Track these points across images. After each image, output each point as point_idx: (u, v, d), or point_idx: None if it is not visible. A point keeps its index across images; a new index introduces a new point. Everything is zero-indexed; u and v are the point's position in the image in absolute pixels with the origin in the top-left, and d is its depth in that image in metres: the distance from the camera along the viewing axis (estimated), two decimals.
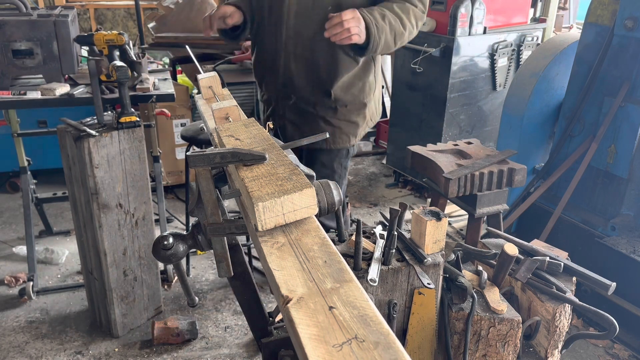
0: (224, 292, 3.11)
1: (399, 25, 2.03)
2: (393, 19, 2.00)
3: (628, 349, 2.68)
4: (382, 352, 0.67)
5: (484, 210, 2.27)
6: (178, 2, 4.55)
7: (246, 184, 0.98)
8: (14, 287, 3.10)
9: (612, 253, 2.70)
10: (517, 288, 1.57)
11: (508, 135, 3.44)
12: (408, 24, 2.06)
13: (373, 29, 1.94)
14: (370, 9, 1.98)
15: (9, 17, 2.55)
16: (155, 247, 1.27)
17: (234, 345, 2.72)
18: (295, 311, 0.75)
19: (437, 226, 1.33)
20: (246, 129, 1.30)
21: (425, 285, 1.30)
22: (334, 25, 1.87)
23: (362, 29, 1.91)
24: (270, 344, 1.45)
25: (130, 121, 2.38)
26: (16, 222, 3.82)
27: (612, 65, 2.88)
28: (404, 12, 2.04)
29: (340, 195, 1.11)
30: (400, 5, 2.05)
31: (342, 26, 1.86)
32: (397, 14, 2.02)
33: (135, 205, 2.57)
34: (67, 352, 2.65)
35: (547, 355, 1.51)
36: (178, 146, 4.16)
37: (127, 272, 2.66)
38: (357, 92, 2.25)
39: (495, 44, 3.86)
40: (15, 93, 2.56)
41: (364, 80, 2.26)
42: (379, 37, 1.96)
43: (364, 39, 1.94)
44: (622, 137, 2.82)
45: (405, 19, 2.04)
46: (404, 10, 2.04)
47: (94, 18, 6.15)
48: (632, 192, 2.87)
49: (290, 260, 0.88)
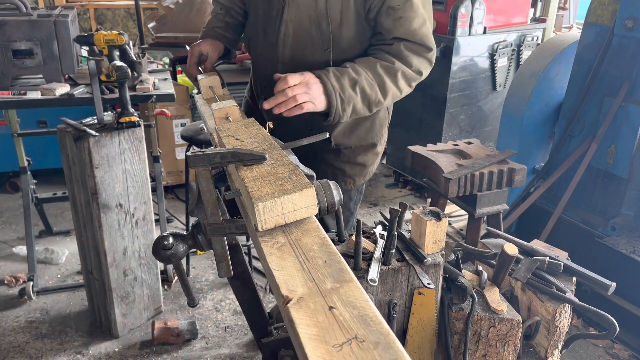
0: (224, 292, 3.11)
1: (376, 94, 1.66)
2: (369, 85, 1.63)
3: (628, 349, 2.68)
4: (382, 352, 0.67)
5: (484, 210, 2.27)
6: (178, 2, 4.55)
7: (246, 184, 0.98)
8: (14, 287, 3.11)
9: (612, 253, 2.70)
10: (517, 288, 1.57)
11: (508, 135, 3.44)
12: (392, 88, 1.68)
13: (335, 100, 1.58)
14: (342, 70, 1.62)
15: (9, 17, 2.55)
16: (155, 247, 1.27)
17: (234, 345, 2.72)
18: (295, 311, 0.75)
19: (437, 226, 1.33)
20: (246, 129, 1.30)
21: (425, 285, 1.30)
22: (277, 95, 1.52)
23: (317, 95, 1.56)
24: (270, 344, 1.45)
25: (130, 121, 2.38)
26: (16, 222, 3.82)
27: (612, 65, 2.88)
28: (389, 74, 1.66)
29: (340, 195, 1.11)
30: (387, 66, 1.66)
31: (285, 95, 1.51)
32: (379, 77, 1.65)
33: (135, 205, 2.57)
34: (67, 352, 2.65)
35: (547, 355, 1.51)
36: (178, 146, 4.16)
37: (127, 272, 2.66)
38: (363, 134, 1.90)
39: (495, 44, 3.86)
40: (15, 93, 2.56)
41: (372, 118, 1.90)
42: (342, 109, 1.62)
43: (324, 107, 1.59)
44: (622, 137, 2.82)
45: (389, 82, 1.66)
46: (389, 71, 1.66)
47: (94, 18, 6.15)
48: (632, 192, 2.87)
49: (290, 260, 0.88)
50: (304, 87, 1.54)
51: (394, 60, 1.66)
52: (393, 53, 1.67)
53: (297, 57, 1.75)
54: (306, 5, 1.67)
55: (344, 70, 1.62)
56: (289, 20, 1.70)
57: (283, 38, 1.73)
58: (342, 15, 1.65)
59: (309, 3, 1.66)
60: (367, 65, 1.66)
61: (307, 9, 1.67)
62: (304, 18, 1.68)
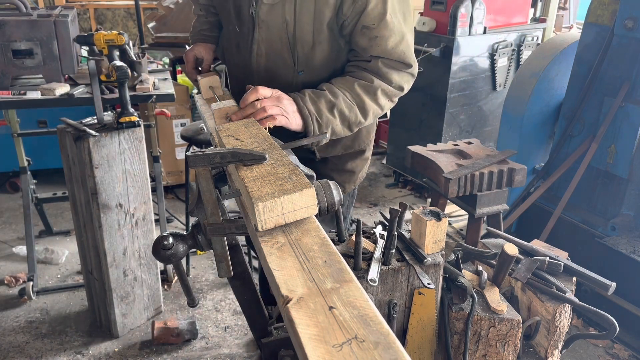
0: (224, 292, 3.11)
1: (355, 115, 1.60)
2: (348, 106, 1.57)
3: (628, 349, 2.68)
4: (382, 352, 0.67)
5: (484, 210, 2.27)
6: (178, 2, 4.54)
7: (246, 184, 0.98)
8: (14, 287, 3.10)
9: (612, 253, 2.70)
10: (517, 288, 1.57)
11: (508, 135, 3.44)
12: (373, 107, 1.62)
13: (312, 125, 1.52)
14: (318, 93, 1.56)
15: (9, 17, 2.55)
16: (155, 247, 1.27)
17: (234, 345, 2.72)
18: (295, 311, 0.75)
19: (437, 226, 1.33)
20: (246, 129, 1.30)
21: (425, 285, 1.30)
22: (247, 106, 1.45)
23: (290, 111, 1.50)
24: (270, 344, 1.45)
25: (130, 121, 2.38)
26: (16, 222, 3.82)
27: (612, 65, 2.88)
28: (368, 92, 1.59)
29: (340, 196, 1.11)
30: (366, 85, 1.59)
31: (254, 107, 1.45)
32: (358, 96, 1.59)
33: (135, 205, 2.57)
34: (67, 352, 2.65)
35: (547, 355, 1.51)
36: (178, 146, 4.16)
37: (127, 272, 2.66)
38: (349, 142, 1.82)
39: (495, 44, 3.86)
40: (15, 93, 2.56)
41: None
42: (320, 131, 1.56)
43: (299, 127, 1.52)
44: (622, 137, 2.82)
45: (368, 101, 1.60)
46: (369, 90, 1.59)
47: (94, 18, 6.15)
48: (632, 192, 2.87)
49: (290, 260, 0.88)
50: (275, 100, 1.48)
51: (372, 79, 1.60)
52: (371, 70, 1.61)
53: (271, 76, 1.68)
54: (276, 27, 1.61)
55: (320, 93, 1.56)
56: (261, 40, 1.65)
57: (256, 57, 1.68)
58: (315, 37, 1.59)
59: (279, 25, 1.60)
60: (345, 86, 1.59)
61: (278, 30, 1.61)
62: (275, 40, 1.63)
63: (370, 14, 1.53)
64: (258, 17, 1.61)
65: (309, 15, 1.56)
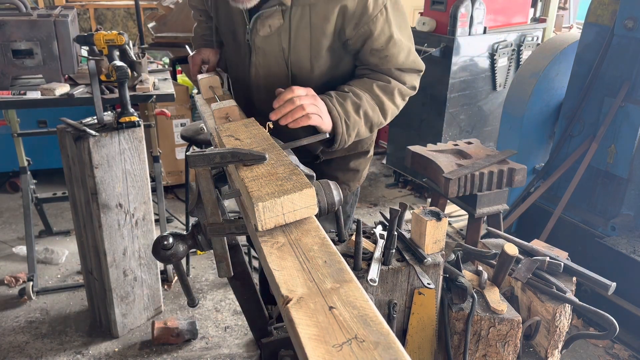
0: (224, 292, 3.11)
1: (377, 115, 1.62)
2: (371, 107, 1.59)
3: (628, 349, 2.68)
4: (382, 352, 0.67)
5: (484, 210, 2.27)
6: (178, 2, 4.54)
7: (246, 184, 0.98)
8: (14, 287, 3.10)
9: (612, 253, 2.70)
10: (517, 288, 1.57)
11: (508, 135, 3.44)
12: (391, 107, 1.64)
13: (341, 127, 1.53)
14: (343, 95, 1.56)
15: (9, 17, 2.55)
16: (155, 247, 1.27)
17: (234, 345, 2.72)
18: (295, 311, 0.75)
19: (437, 226, 1.33)
20: (246, 129, 1.30)
21: (425, 285, 1.30)
22: (284, 104, 1.43)
23: (324, 111, 1.49)
24: (270, 344, 1.45)
25: (130, 121, 2.38)
26: (16, 222, 3.82)
27: (612, 65, 2.88)
28: (386, 93, 1.61)
29: (340, 196, 1.11)
30: (384, 85, 1.61)
31: (293, 103, 1.42)
32: (378, 98, 1.60)
33: (135, 205, 2.57)
34: (67, 352, 2.65)
35: (547, 355, 1.51)
36: (178, 146, 4.16)
37: (127, 272, 2.66)
38: (354, 144, 1.80)
39: (495, 44, 3.86)
40: (15, 93, 2.56)
41: None
42: (348, 135, 1.56)
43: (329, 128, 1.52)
44: (622, 137, 2.82)
45: (387, 102, 1.62)
46: (386, 91, 1.61)
47: (93, 18, 6.14)
48: (632, 192, 2.87)
49: (290, 260, 0.88)
50: (312, 98, 1.47)
51: (389, 79, 1.62)
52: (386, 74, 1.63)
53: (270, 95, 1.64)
54: (273, 54, 1.60)
55: (344, 94, 1.56)
56: (258, 65, 1.64)
57: (254, 78, 1.68)
58: (312, 63, 1.59)
59: (276, 52, 1.59)
60: (364, 87, 1.60)
61: (275, 57, 1.60)
62: (273, 65, 1.62)
63: (377, 39, 1.55)
64: (254, 44, 1.61)
65: (305, 44, 1.56)
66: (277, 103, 1.44)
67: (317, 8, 1.49)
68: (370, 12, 1.50)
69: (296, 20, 1.52)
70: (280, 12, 1.51)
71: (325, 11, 1.50)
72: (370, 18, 1.51)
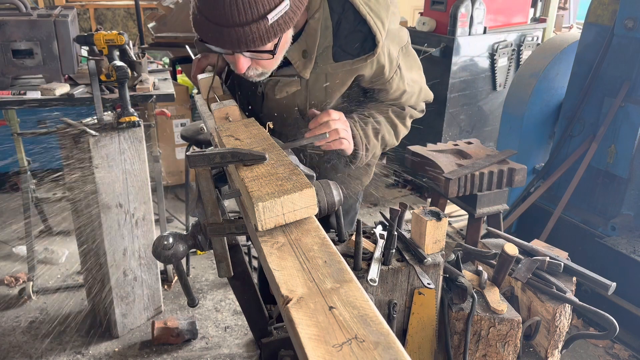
0: (224, 292, 3.11)
1: (392, 138, 1.70)
2: (388, 132, 1.67)
3: (628, 349, 2.67)
4: (382, 352, 0.67)
5: (484, 210, 2.27)
6: (178, 2, 4.54)
7: (246, 184, 0.98)
8: (14, 287, 3.10)
9: (612, 253, 2.70)
10: (517, 288, 1.57)
11: (508, 135, 3.44)
12: (403, 130, 1.73)
13: (362, 151, 1.58)
14: (365, 120, 1.61)
15: (9, 17, 2.55)
16: (155, 247, 1.27)
17: (234, 345, 2.72)
18: (295, 311, 0.75)
19: (437, 226, 1.33)
20: (246, 129, 1.30)
21: (425, 285, 1.30)
22: (320, 126, 1.46)
23: (350, 137, 1.54)
24: (270, 344, 1.45)
25: (130, 121, 2.38)
26: (16, 222, 3.82)
27: (612, 65, 2.87)
28: (400, 117, 1.69)
29: (340, 195, 1.11)
30: (398, 112, 1.68)
31: (328, 126, 1.45)
32: (393, 123, 1.67)
33: (135, 205, 2.57)
34: (67, 352, 2.65)
35: (547, 355, 1.51)
36: (178, 146, 4.16)
37: (127, 272, 2.66)
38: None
39: (495, 44, 3.86)
40: (15, 93, 2.56)
41: None
42: (366, 157, 1.63)
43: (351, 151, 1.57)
44: (622, 137, 2.82)
45: (400, 126, 1.70)
46: (400, 116, 1.69)
47: (93, 18, 6.14)
48: (632, 192, 2.87)
49: (290, 260, 0.87)
50: (344, 123, 1.51)
51: (403, 106, 1.69)
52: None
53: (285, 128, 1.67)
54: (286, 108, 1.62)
55: (367, 120, 1.61)
56: (271, 107, 1.66)
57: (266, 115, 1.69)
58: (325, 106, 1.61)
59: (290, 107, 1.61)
60: (381, 111, 1.65)
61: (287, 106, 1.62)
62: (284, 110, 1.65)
63: (392, 94, 1.62)
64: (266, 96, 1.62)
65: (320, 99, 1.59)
66: (313, 124, 1.48)
67: (334, 76, 1.52)
68: (386, 76, 1.54)
69: (312, 84, 1.54)
70: (299, 81, 1.54)
71: (342, 79, 1.53)
72: (386, 80, 1.56)
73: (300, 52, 1.46)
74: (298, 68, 1.48)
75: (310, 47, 1.45)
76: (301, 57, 1.47)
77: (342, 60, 1.47)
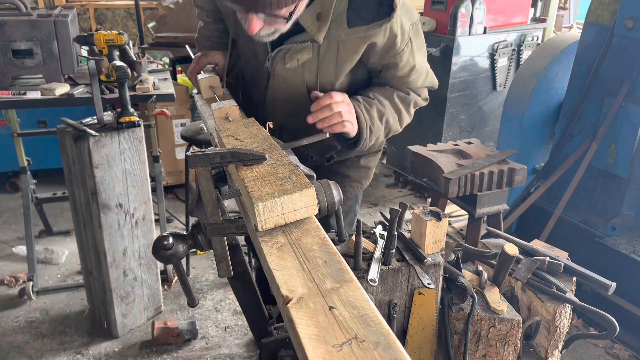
0: (224, 292, 3.11)
1: (396, 123, 1.67)
2: (392, 116, 1.64)
3: (628, 349, 2.67)
4: (382, 352, 0.67)
5: (484, 210, 2.27)
6: (178, 2, 4.54)
7: (246, 184, 0.98)
8: (14, 287, 3.10)
9: (612, 253, 2.70)
10: (517, 288, 1.57)
11: (508, 135, 3.44)
12: (406, 117, 1.71)
13: (366, 132, 1.57)
14: (369, 102, 1.59)
15: (9, 17, 2.55)
16: (155, 247, 1.27)
17: (234, 345, 2.72)
18: (295, 311, 0.75)
19: (437, 226, 1.33)
20: (246, 129, 1.30)
21: (425, 285, 1.30)
22: (322, 109, 1.46)
23: (354, 119, 1.53)
24: (270, 344, 1.45)
25: (130, 121, 2.38)
26: (16, 222, 3.82)
27: (612, 65, 2.87)
28: (404, 103, 1.67)
29: (340, 196, 1.11)
30: (403, 96, 1.66)
31: (331, 109, 1.45)
32: (398, 108, 1.65)
33: (135, 205, 2.57)
34: (67, 352, 2.65)
35: (547, 355, 1.51)
36: (178, 146, 4.16)
37: (127, 272, 2.66)
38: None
39: (496, 43, 3.86)
40: (15, 93, 2.56)
41: None
42: (370, 140, 1.61)
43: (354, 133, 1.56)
44: (622, 137, 2.82)
45: (404, 112, 1.68)
46: (404, 101, 1.66)
47: (93, 18, 6.14)
48: (632, 192, 2.87)
49: (290, 260, 0.87)
50: (348, 105, 1.50)
51: (408, 91, 1.67)
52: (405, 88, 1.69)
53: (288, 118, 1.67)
54: (294, 83, 1.60)
55: (371, 101, 1.60)
56: (276, 88, 1.64)
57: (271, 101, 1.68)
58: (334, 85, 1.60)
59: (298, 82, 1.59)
60: (385, 95, 1.64)
61: (296, 85, 1.61)
62: (292, 90, 1.63)
63: (401, 70, 1.60)
64: (274, 71, 1.60)
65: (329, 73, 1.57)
66: (315, 107, 1.46)
67: (347, 44, 1.51)
68: (397, 47, 1.53)
69: (323, 53, 1.52)
70: (311, 47, 1.52)
71: (355, 47, 1.52)
72: (397, 52, 1.54)
73: (315, 15, 1.44)
74: (312, 32, 1.46)
75: (325, 10, 1.44)
76: (315, 21, 1.44)
77: (357, 25, 1.46)
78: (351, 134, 1.55)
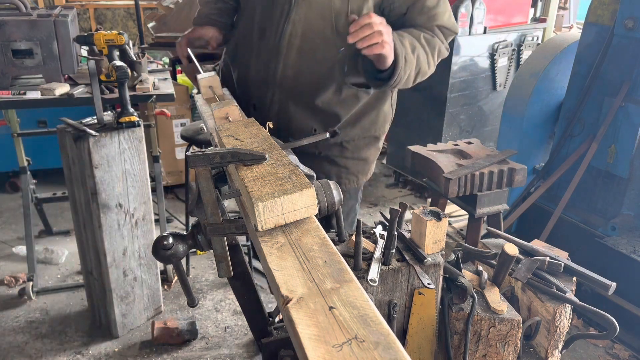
0: (224, 292, 3.11)
1: (425, 62, 1.64)
2: (422, 53, 1.62)
3: (628, 349, 2.67)
4: (382, 352, 0.67)
5: (484, 210, 2.26)
6: (178, 2, 4.55)
7: (246, 184, 0.98)
8: (14, 287, 3.10)
9: (612, 253, 2.70)
10: (517, 288, 1.57)
11: (508, 135, 3.44)
12: (432, 62, 1.68)
13: (401, 61, 1.52)
14: (400, 34, 1.56)
15: (9, 17, 2.55)
16: (155, 247, 1.27)
17: (234, 345, 2.72)
18: (295, 311, 0.75)
19: (437, 226, 1.33)
20: (246, 129, 1.30)
21: (425, 285, 1.30)
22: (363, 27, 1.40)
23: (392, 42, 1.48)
24: (270, 344, 1.45)
25: (130, 121, 2.38)
26: (16, 222, 3.82)
27: (612, 65, 2.87)
28: (430, 45, 1.65)
29: (340, 196, 1.11)
30: (429, 38, 1.64)
31: (371, 28, 1.40)
32: (425, 47, 1.63)
33: (135, 205, 2.57)
34: (67, 352, 2.65)
35: (547, 355, 1.51)
36: (178, 146, 4.16)
37: (127, 272, 2.66)
38: (368, 125, 1.84)
39: (496, 43, 3.86)
40: (15, 93, 2.56)
41: (378, 109, 1.85)
42: (404, 72, 1.57)
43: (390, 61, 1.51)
44: (622, 137, 2.82)
45: (430, 55, 1.65)
46: (431, 44, 1.65)
47: (93, 18, 6.15)
48: (632, 192, 2.87)
49: (290, 260, 0.87)
50: (387, 27, 1.46)
51: (433, 34, 1.66)
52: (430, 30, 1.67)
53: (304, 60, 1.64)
54: (319, 3, 1.57)
55: (402, 33, 1.57)
56: (297, 20, 1.60)
57: (288, 39, 1.62)
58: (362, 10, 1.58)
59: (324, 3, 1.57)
60: (412, 33, 1.62)
61: (321, 7, 1.57)
62: (316, 17, 1.59)
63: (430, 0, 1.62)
64: None
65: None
66: (355, 27, 1.42)
67: None
68: None
69: None
70: None
71: None
72: None
73: None
74: None
75: None
76: None
77: None
78: (389, 57, 1.49)
